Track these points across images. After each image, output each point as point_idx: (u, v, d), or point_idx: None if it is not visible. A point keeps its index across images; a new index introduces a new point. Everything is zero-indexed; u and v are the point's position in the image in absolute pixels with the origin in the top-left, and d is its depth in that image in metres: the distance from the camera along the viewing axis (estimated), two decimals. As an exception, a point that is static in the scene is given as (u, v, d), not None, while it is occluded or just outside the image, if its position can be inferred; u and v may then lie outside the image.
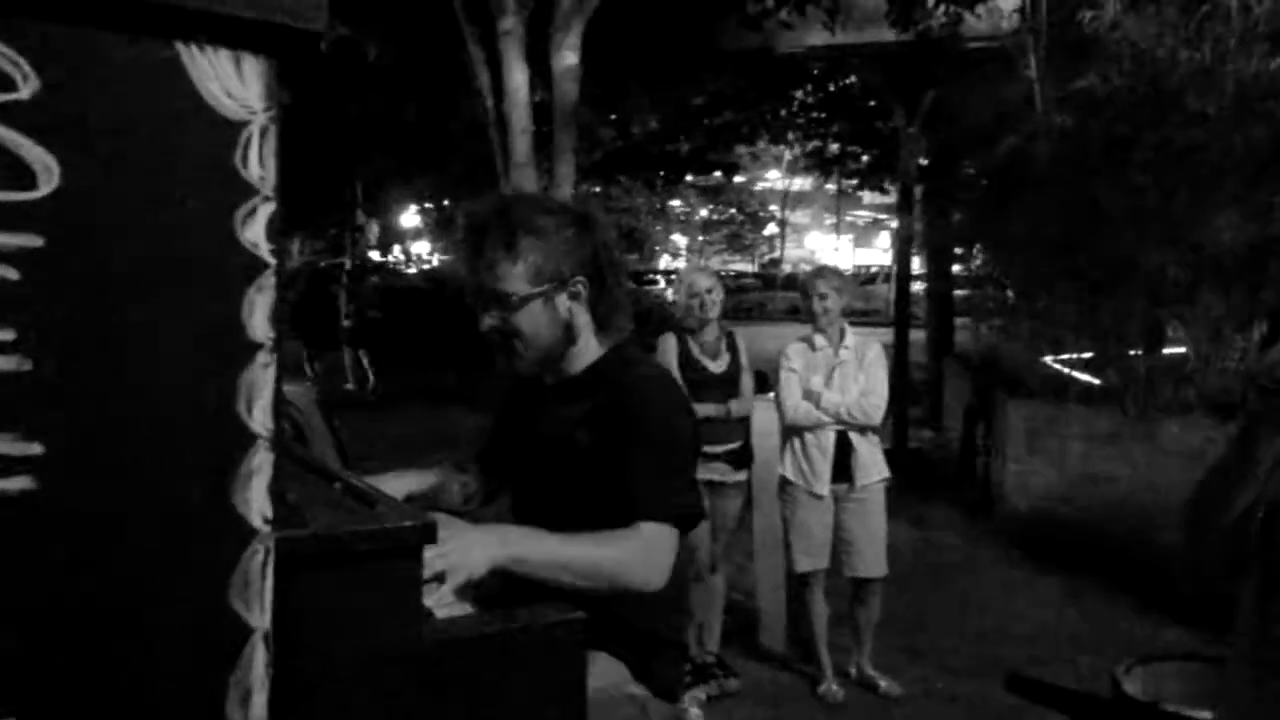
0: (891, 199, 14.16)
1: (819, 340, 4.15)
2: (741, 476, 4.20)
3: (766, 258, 41.52)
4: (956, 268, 10.07)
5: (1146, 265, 6.04)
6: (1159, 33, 5.97)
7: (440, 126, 10.25)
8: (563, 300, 1.77)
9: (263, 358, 0.94)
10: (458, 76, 6.12)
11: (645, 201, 28.27)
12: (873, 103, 11.15)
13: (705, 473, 4.04)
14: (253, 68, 0.91)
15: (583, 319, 1.81)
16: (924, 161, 9.23)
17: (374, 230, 23.47)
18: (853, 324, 4.34)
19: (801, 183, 32.10)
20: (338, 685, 0.99)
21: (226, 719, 0.94)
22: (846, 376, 4.10)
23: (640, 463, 1.69)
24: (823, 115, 12.66)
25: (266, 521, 0.95)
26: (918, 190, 9.18)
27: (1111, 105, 6.31)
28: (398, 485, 1.88)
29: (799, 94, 12.20)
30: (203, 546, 0.93)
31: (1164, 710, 2.08)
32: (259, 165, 0.92)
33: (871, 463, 4.10)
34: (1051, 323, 7.12)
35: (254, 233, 0.92)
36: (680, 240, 43.22)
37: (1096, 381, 6.81)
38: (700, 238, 42.20)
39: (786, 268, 37.58)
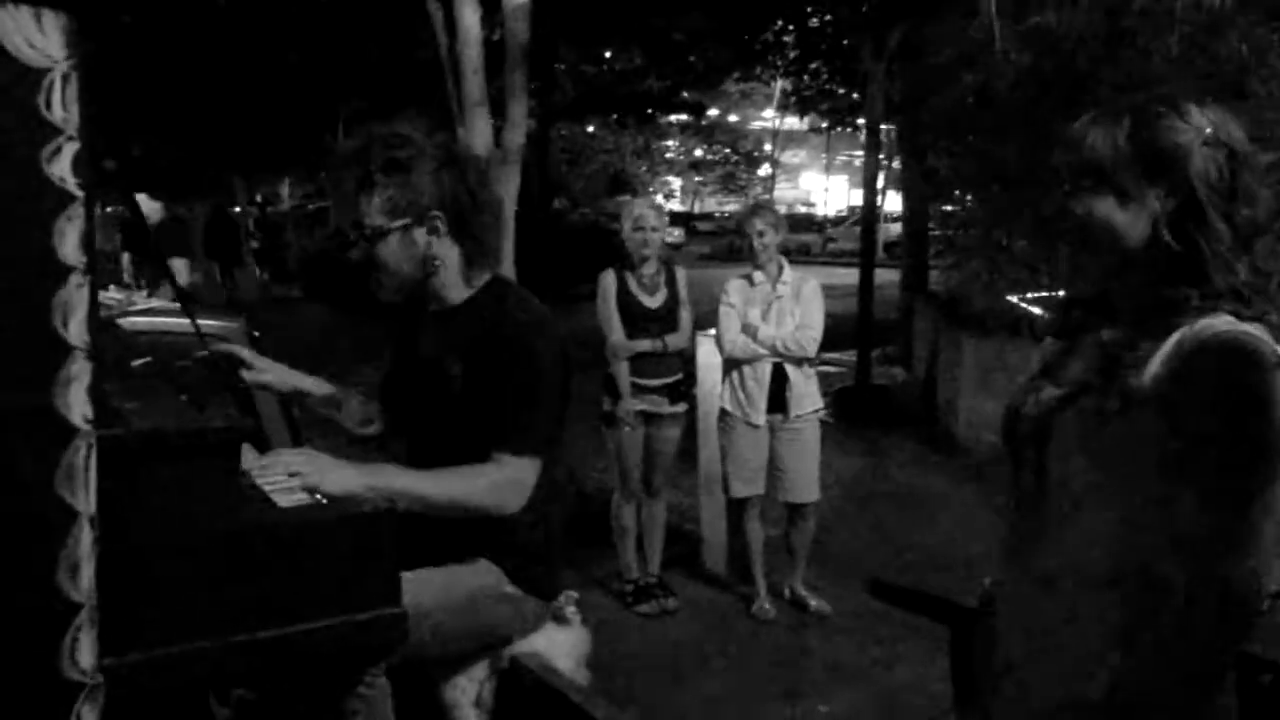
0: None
1: (757, 276, 4.28)
2: (679, 409, 4.36)
3: (761, 198, 41.31)
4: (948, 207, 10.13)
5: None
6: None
7: (404, 66, 10.24)
8: (420, 234, 1.89)
9: (75, 279, 1.08)
10: (417, 14, 6.14)
11: (631, 142, 28.14)
12: (846, 41, 11.12)
13: (643, 404, 4.21)
14: (52, 21, 1.04)
15: (448, 253, 1.93)
16: (894, 100, 9.24)
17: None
18: (844, 265, 4.47)
19: (794, 122, 31.81)
20: (158, 561, 1.15)
21: (58, 587, 1.09)
22: (783, 311, 4.23)
23: (504, 396, 1.83)
24: (797, 53, 12.61)
25: (87, 421, 1.10)
26: (884, 130, 9.20)
27: (1068, 41, 6.34)
28: (295, 380, 2.03)
29: (773, 29, 12.12)
30: (30, 443, 1.08)
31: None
32: (62, 108, 1.05)
33: (805, 394, 4.25)
34: (1011, 261, 7.23)
35: (60, 168, 1.06)
36: (675, 181, 42.98)
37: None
38: (696, 178, 41.99)
39: (781, 208, 37.40)
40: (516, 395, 1.84)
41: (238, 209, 19.02)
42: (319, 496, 1.41)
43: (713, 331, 4.46)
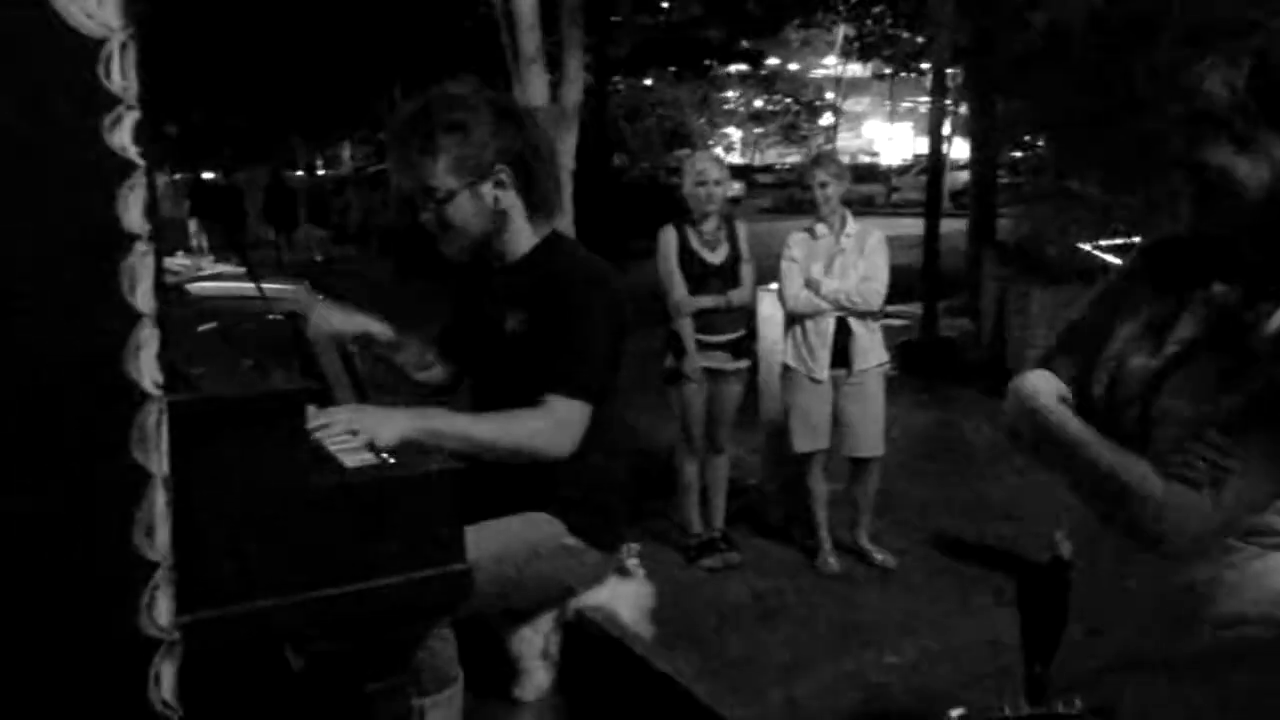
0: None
1: (820, 229, 4.21)
2: (743, 364, 4.33)
3: (823, 149, 40.58)
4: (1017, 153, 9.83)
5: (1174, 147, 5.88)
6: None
7: (460, 23, 10.23)
8: (488, 190, 1.91)
9: (140, 247, 1.10)
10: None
11: (688, 95, 27.79)
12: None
13: (706, 360, 4.20)
14: (108, -9, 1.05)
15: (514, 205, 1.95)
16: (961, 43, 8.96)
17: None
18: (909, 215, 4.39)
19: (856, 69, 31.08)
20: (228, 523, 1.18)
21: (135, 546, 1.13)
22: (847, 264, 4.17)
23: (558, 338, 1.85)
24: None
25: (158, 386, 1.13)
26: (950, 74, 8.94)
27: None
28: (360, 323, 2.06)
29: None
30: (103, 409, 1.11)
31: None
32: (121, 77, 1.07)
33: (870, 348, 4.19)
34: (1083, 206, 7.02)
35: (121, 138, 1.07)
36: (735, 133, 42.42)
37: (1128, 265, 6.73)
38: (756, 129, 41.38)
39: (844, 158, 36.76)
40: (567, 340, 1.86)
41: (299, 173, 19.48)
42: (384, 454, 1.43)
43: (775, 286, 4.41)
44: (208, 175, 22.60)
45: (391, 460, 1.39)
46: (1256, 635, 1.25)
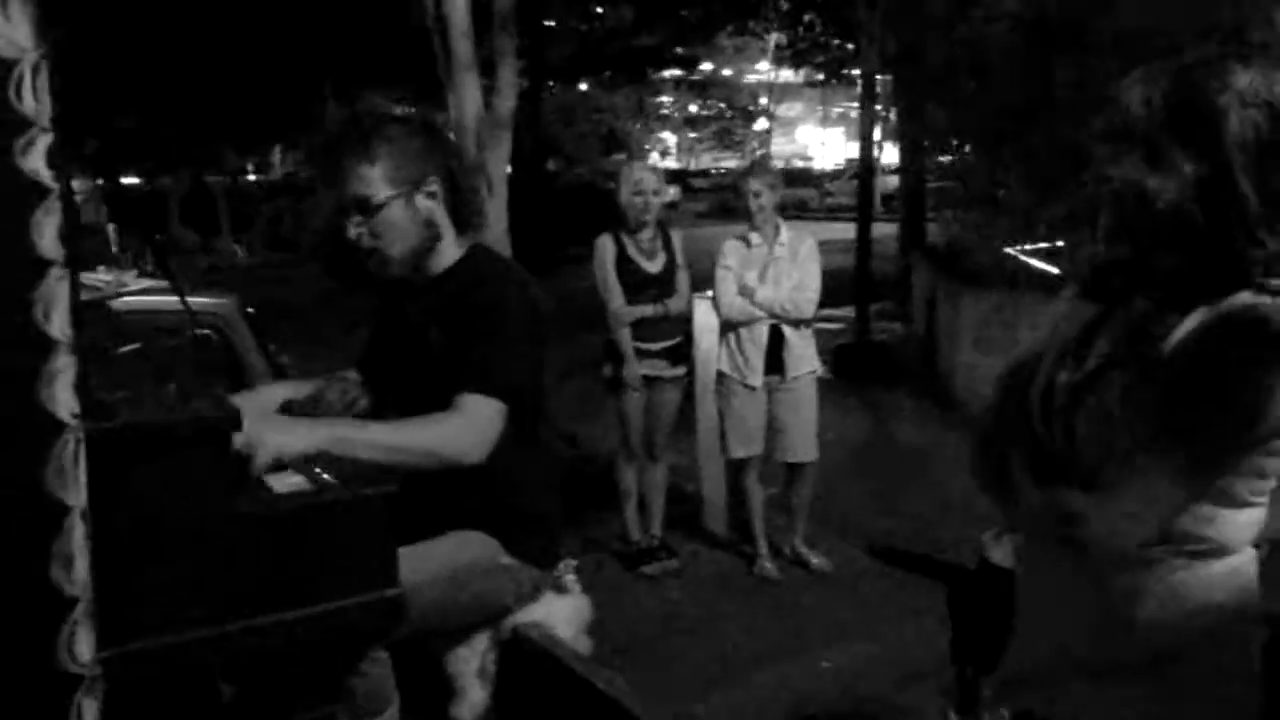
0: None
1: (754, 237, 4.25)
2: (680, 371, 4.36)
3: (757, 153, 40.99)
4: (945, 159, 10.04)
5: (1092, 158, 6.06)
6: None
7: (392, 31, 10.13)
8: (422, 200, 1.90)
9: (55, 272, 1.07)
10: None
11: (624, 100, 27.86)
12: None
13: (644, 368, 4.21)
14: (19, 10, 1.02)
15: (442, 218, 1.95)
16: (891, 50, 9.13)
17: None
18: (842, 219, 4.45)
19: (789, 75, 31.46)
20: (151, 554, 1.15)
21: (53, 580, 1.10)
22: (781, 272, 4.22)
23: (469, 341, 1.84)
24: (790, 5, 12.43)
25: (74, 415, 1.09)
26: (880, 81, 9.11)
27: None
28: (272, 395, 2.02)
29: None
30: (17, 439, 1.08)
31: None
32: (33, 99, 1.03)
33: (803, 354, 4.25)
34: (1008, 212, 7.19)
35: (33, 161, 1.04)
36: (670, 138, 42.60)
37: (1055, 271, 6.91)
38: (691, 134, 41.61)
39: (778, 164, 37.15)
40: (479, 342, 1.84)
41: (223, 178, 19.24)
42: (318, 473, 1.41)
43: (710, 293, 4.45)
44: (130, 180, 22.02)
45: (325, 477, 1.37)
46: (1184, 643, 1.28)
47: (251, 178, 24.96)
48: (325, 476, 1.44)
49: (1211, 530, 1.27)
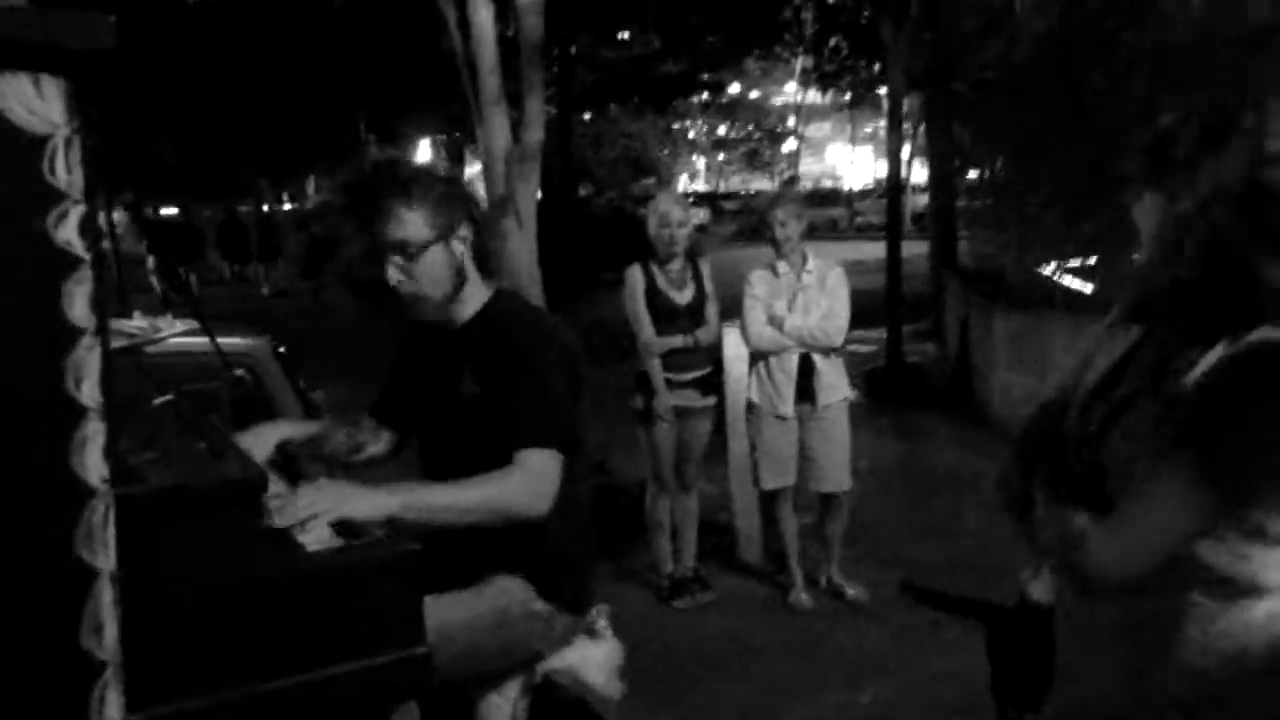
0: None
1: (781, 266, 4.24)
2: (710, 401, 4.34)
3: (786, 174, 40.96)
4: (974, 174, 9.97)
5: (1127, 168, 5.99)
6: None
7: (422, 66, 10.28)
8: (456, 245, 1.93)
9: (86, 341, 1.08)
10: (433, 14, 6.14)
11: (651, 126, 28.00)
12: (865, 14, 10.96)
13: (675, 399, 4.20)
14: (51, 87, 1.04)
15: (469, 264, 1.97)
16: (918, 70, 9.11)
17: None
18: (871, 239, 4.43)
19: (817, 96, 31.47)
20: (180, 617, 1.16)
21: (82, 645, 1.11)
22: (809, 300, 4.20)
23: (516, 396, 1.84)
24: (816, 29, 12.47)
25: (104, 481, 1.11)
26: (906, 103, 9.08)
27: (1092, 4, 6.21)
28: (269, 435, 2.03)
29: (791, 5, 12.01)
30: (48, 506, 1.09)
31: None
32: (66, 173, 1.05)
33: (834, 383, 4.21)
34: (1040, 230, 7.11)
35: (67, 233, 1.06)
36: (699, 162, 42.67)
37: (1088, 289, 6.82)
38: (720, 157, 41.66)
39: (807, 184, 37.16)
40: (526, 397, 1.85)
41: (265, 208, 19.78)
42: (350, 533, 1.41)
43: (739, 323, 4.43)
44: (168, 211, 22.44)
45: (355, 541, 1.37)
46: (1226, 690, 1.26)
47: (287, 207, 25.37)
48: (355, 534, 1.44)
49: (1245, 568, 1.24)
